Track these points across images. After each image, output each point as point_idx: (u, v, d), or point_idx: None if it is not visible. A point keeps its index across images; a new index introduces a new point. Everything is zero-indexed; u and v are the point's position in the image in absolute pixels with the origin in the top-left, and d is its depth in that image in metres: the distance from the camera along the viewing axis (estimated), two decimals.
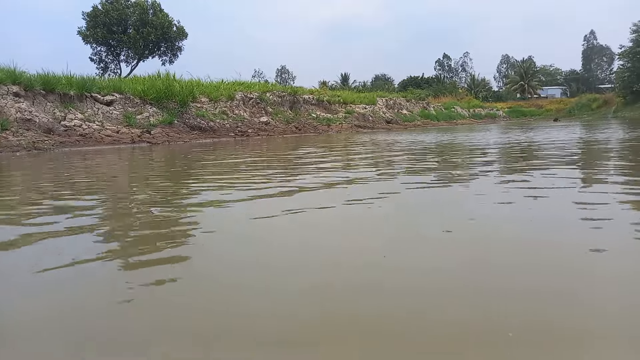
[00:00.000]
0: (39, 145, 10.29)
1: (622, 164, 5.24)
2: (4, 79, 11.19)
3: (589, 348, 1.21)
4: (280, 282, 1.71)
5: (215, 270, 1.87)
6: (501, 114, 45.62)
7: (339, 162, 6.41)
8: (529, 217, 2.57)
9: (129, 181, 5.13)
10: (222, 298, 1.58)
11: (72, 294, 1.66)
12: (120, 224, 2.69)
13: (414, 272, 1.78)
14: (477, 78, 64.57)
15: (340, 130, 20.08)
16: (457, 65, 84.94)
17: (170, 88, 14.78)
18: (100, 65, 31.91)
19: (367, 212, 2.87)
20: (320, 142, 11.88)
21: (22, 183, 5.17)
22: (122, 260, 2.00)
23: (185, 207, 3.20)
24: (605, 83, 67.49)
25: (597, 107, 47.11)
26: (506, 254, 1.99)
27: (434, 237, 2.23)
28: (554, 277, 1.68)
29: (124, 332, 1.35)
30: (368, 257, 1.98)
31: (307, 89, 25.06)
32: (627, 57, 41.59)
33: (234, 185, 4.21)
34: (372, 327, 1.32)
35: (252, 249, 2.17)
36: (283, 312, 1.44)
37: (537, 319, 1.33)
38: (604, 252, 1.91)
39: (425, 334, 1.29)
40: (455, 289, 1.59)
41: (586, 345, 1.22)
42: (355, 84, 56.54)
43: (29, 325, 1.41)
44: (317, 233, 2.46)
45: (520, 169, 4.87)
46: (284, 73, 73.40)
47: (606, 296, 1.52)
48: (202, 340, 1.27)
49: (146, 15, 29.70)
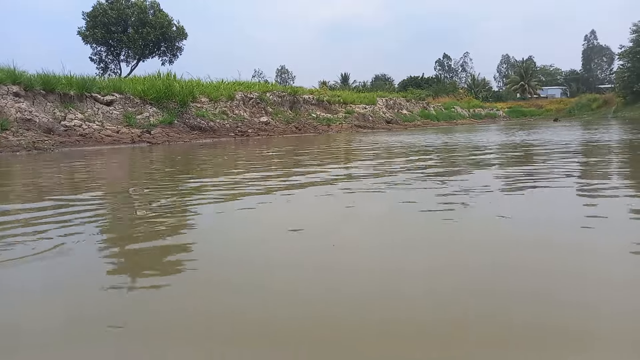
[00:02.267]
0: (39, 145, 10.29)
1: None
2: (4, 79, 11.18)
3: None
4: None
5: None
6: (501, 114, 45.60)
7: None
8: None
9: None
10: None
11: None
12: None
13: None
14: (477, 78, 64.55)
15: (340, 130, 20.08)
16: (457, 66, 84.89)
17: (170, 88, 14.78)
18: (100, 65, 31.90)
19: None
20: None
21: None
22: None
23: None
24: (605, 83, 67.42)
25: (597, 107, 47.07)
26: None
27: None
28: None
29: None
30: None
31: (307, 89, 25.06)
32: (627, 57, 41.58)
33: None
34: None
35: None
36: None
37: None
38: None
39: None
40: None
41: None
42: (355, 84, 56.50)
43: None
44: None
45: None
46: (283, 73, 73.34)
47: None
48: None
49: (145, 15, 29.69)
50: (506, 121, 39.29)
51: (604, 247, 2.04)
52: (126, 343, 1.30)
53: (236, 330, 1.35)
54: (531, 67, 65.86)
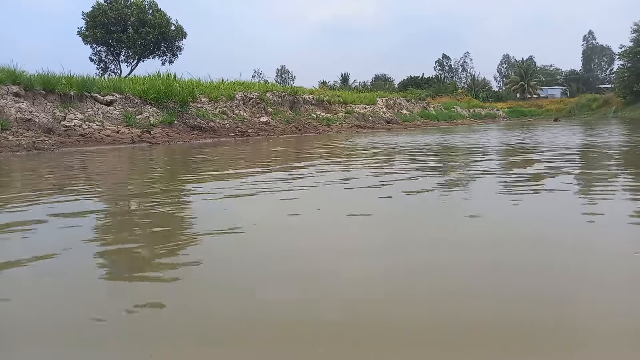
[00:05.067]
0: (39, 145, 10.28)
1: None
2: (4, 79, 11.17)
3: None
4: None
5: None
6: (501, 114, 45.59)
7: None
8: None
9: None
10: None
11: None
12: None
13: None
14: (477, 78, 64.55)
15: (340, 130, 20.07)
16: (457, 65, 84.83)
17: (170, 88, 14.76)
18: (100, 65, 31.93)
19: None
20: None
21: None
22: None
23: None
24: (605, 83, 67.39)
25: (597, 107, 47.06)
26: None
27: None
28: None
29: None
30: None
31: (307, 89, 25.04)
32: (627, 57, 41.58)
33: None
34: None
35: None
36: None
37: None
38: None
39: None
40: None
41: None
42: (355, 84, 56.49)
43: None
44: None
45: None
46: (283, 73, 73.35)
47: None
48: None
49: (145, 15, 29.69)
50: (506, 121, 39.28)
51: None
52: (126, 345, 1.29)
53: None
54: (531, 67, 65.83)
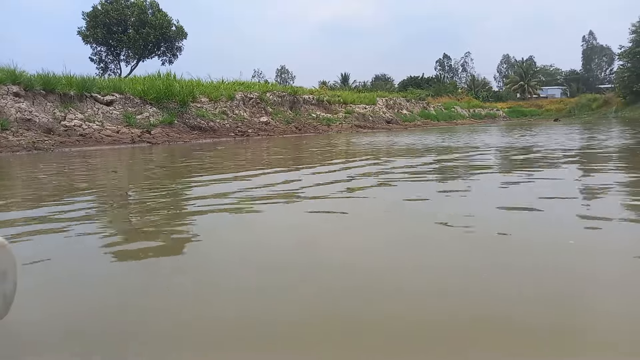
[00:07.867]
0: (39, 145, 10.28)
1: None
2: (4, 79, 11.17)
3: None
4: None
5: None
6: (501, 114, 45.58)
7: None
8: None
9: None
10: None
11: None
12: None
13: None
14: (477, 78, 64.54)
15: (340, 130, 20.07)
16: (457, 65, 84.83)
17: (170, 88, 14.76)
18: (100, 65, 31.94)
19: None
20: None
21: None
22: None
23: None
24: (605, 83, 67.39)
25: (597, 107, 47.05)
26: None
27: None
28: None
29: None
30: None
31: (307, 89, 25.03)
32: (627, 57, 41.58)
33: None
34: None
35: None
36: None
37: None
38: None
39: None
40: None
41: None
42: (355, 84, 56.45)
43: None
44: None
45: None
46: (283, 73, 73.29)
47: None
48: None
49: (145, 15, 29.69)
50: (506, 121, 39.27)
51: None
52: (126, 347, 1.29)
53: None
54: (531, 67, 65.83)
